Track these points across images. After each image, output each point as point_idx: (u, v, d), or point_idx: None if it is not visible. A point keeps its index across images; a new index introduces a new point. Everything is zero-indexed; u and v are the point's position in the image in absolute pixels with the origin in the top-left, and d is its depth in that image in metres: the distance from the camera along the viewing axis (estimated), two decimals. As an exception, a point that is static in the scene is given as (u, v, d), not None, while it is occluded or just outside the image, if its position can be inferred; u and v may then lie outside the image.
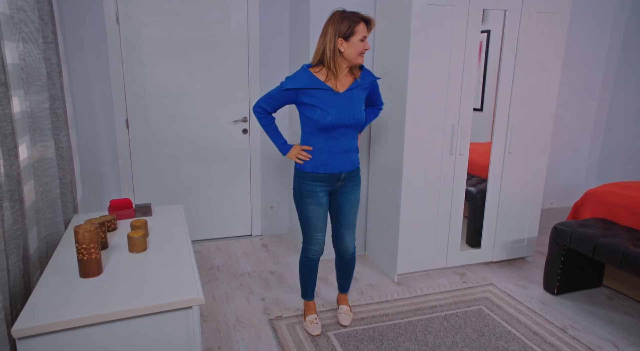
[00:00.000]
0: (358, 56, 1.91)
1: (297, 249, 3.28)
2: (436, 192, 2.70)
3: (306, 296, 2.29)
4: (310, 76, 1.93)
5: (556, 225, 2.58)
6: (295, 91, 1.92)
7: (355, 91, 1.98)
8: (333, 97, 1.93)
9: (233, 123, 3.30)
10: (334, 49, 1.87)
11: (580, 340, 2.17)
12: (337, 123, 1.93)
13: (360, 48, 1.89)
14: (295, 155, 2.02)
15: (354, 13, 1.88)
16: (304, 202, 2.05)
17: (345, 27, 1.85)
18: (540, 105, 2.80)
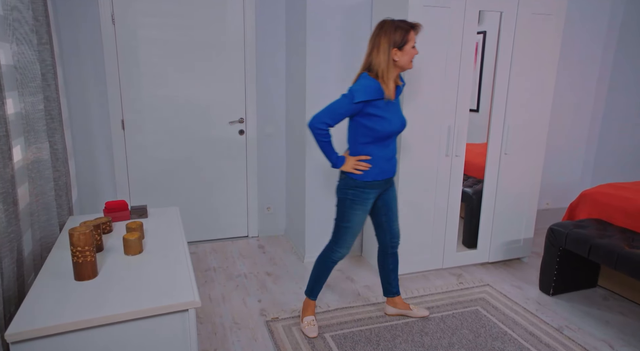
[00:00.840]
0: (409, 63, 1.94)
1: (293, 250, 3.28)
2: (433, 193, 2.70)
3: (312, 295, 2.27)
4: (378, 86, 1.91)
5: (552, 226, 2.59)
6: (364, 103, 1.91)
7: (398, 97, 2.06)
8: (391, 106, 1.96)
9: (229, 125, 3.29)
10: (388, 59, 1.89)
11: (575, 341, 2.18)
12: (396, 131, 1.98)
13: (412, 54, 1.93)
14: (352, 167, 1.99)
15: (404, 21, 1.91)
16: (354, 210, 2.05)
17: (400, 37, 1.88)
18: (536, 106, 2.81)
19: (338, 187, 2.08)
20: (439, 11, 2.43)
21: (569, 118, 3.69)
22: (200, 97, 3.17)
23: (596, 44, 3.59)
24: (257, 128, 3.33)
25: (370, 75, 1.92)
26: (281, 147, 3.43)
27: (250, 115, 3.30)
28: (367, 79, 1.91)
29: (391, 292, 2.36)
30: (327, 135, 1.94)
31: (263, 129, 3.35)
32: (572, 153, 3.79)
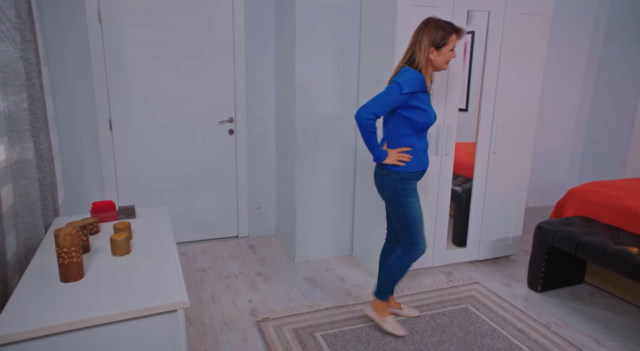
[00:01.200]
0: (445, 64, 2.00)
1: (284, 250, 3.27)
2: (422, 192, 2.71)
3: (384, 297, 2.23)
4: (423, 79, 1.97)
5: (540, 224, 2.62)
6: (409, 95, 1.95)
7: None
8: (427, 99, 2.02)
9: (219, 124, 3.27)
10: (427, 57, 1.95)
11: (563, 336, 2.20)
12: (432, 123, 2.05)
13: (449, 57, 1.99)
14: (395, 159, 2.01)
15: (448, 23, 1.96)
16: (410, 202, 2.06)
17: (440, 37, 1.94)
18: (524, 106, 2.84)
19: (386, 185, 2.06)
20: (428, 11, 2.44)
21: (556, 118, 3.73)
22: (190, 96, 3.14)
23: (582, 45, 3.64)
24: (246, 128, 3.32)
25: (411, 68, 1.97)
26: (271, 147, 3.42)
27: (240, 115, 3.28)
28: (413, 72, 1.95)
29: (381, 293, 2.32)
30: (374, 126, 1.96)
31: (253, 129, 3.34)
32: (559, 152, 3.83)
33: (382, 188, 2.11)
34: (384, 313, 2.24)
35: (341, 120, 2.97)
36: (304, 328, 2.25)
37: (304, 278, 2.84)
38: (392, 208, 2.09)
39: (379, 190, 2.15)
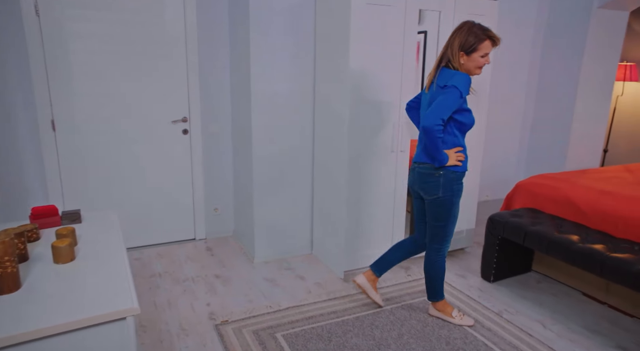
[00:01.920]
0: (477, 69, 2.01)
1: (243, 251, 3.21)
2: (380, 188, 2.75)
3: (440, 296, 2.29)
4: (470, 81, 2.00)
5: (491, 216, 2.72)
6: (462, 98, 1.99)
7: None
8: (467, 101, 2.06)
9: (172, 124, 3.16)
10: (458, 60, 1.99)
11: (514, 323, 2.30)
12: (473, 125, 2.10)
13: (480, 63, 1.99)
14: (455, 159, 2.06)
15: (483, 29, 1.95)
16: (457, 203, 2.12)
17: (470, 43, 1.95)
18: (474, 104, 2.94)
19: (442, 185, 2.07)
20: (381, 9, 2.47)
21: (504, 115, 3.90)
22: (140, 95, 3.02)
23: (525, 44, 3.83)
24: (201, 127, 3.23)
25: (452, 70, 2.00)
26: (227, 146, 3.35)
27: (194, 114, 3.19)
28: (462, 75, 1.97)
29: (377, 268, 2.38)
30: (441, 132, 1.99)
31: (208, 128, 3.26)
32: (508, 147, 4.01)
33: (434, 189, 2.09)
34: (448, 309, 2.29)
35: (298, 120, 2.95)
36: (264, 329, 2.21)
37: (264, 278, 2.80)
38: (440, 208, 2.10)
39: (429, 192, 2.11)
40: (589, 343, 2.16)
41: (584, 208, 2.57)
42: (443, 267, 2.23)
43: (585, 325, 2.31)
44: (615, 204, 2.45)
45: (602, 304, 2.52)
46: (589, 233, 2.42)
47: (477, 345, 2.09)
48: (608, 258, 2.12)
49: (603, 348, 2.13)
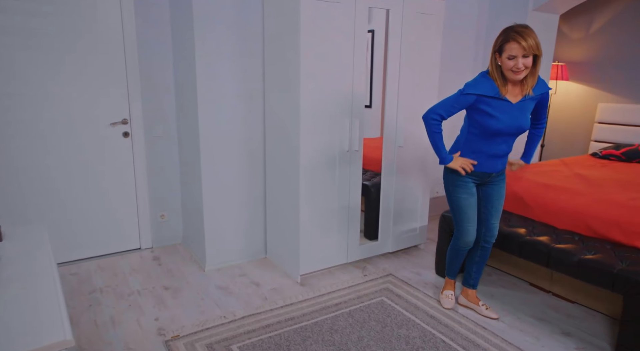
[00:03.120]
0: (509, 72, 1.96)
1: (193, 259, 3.05)
2: (334, 188, 2.71)
3: (449, 275, 2.48)
4: (492, 84, 2.02)
5: (443, 213, 2.77)
6: (476, 97, 2.03)
7: (526, 102, 2.06)
8: (506, 107, 2.03)
9: (111, 126, 2.93)
10: (492, 61, 2.00)
11: (468, 317, 2.35)
12: (505, 132, 2.06)
13: (508, 65, 1.94)
14: (460, 165, 2.12)
15: (510, 30, 1.92)
16: (458, 194, 2.21)
17: (498, 43, 1.96)
18: (423, 101, 2.98)
19: (445, 180, 2.27)
20: (331, 6, 2.42)
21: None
22: (72, 95, 2.77)
23: (470, 44, 3.95)
24: (144, 130, 3.03)
25: (489, 73, 2.03)
26: (173, 149, 3.16)
27: (136, 115, 2.98)
28: (481, 75, 2.05)
29: (468, 283, 2.44)
30: (439, 127, 2.09)
31: (151, 130, 3.06)
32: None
33: (444, 182, 2.29)
34: (446, 287, 2.50)
35: (247, 119, 2.84)
36: (218, 341, 2.10)
37: (217, 287, 2.67)
38: (449, 200, 2.28)
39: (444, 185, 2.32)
40: (537, 331, 2.24)
41: (528, 201, 2.68)
42: (456, 255, 2.38)
43: (533, 314, 2.41)
44: (555, 197, 2.57)
45: (547, 292, 2.64)
46: (535, 226, 2.52)
47: (436, 343, 2.11)
48: (553, 250, 2.21)
49: (550, 335, 2.22)
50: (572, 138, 4.67)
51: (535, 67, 1.98)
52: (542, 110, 2.20)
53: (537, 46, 1.91)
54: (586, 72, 4.48)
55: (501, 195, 2.29)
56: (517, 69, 1.93)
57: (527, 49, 1.88)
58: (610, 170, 3.32)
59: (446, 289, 2.51)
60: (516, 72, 1.94)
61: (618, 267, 1.98)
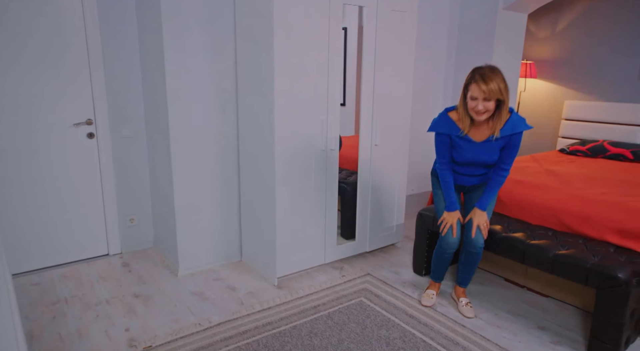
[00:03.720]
0: (472, 111, 2.02)
1: (165, 264, 2.94)
2: (310, 188, 2.66)
3: (433, 278, 2.52)
4: (450, 124, 2.14)
5: (420, 212, 2.77)
6: (444, 136, 2.18)
7: (493, 143, 2.11)
8: (469, 145, 2.14)
9: (74, 127, 2.78)
10: (463, 98, 2.06)
11: (447, 315, 2.35)
12: (468, 163, 2.21)
13: (470, 106, 2.02)
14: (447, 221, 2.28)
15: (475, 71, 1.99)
16: (439, 195, 2.37)
17: (466, 81, 2.03)
18: (399, 99, 2.97)
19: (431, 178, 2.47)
20: (306, 3, 2.37)
21: (425, 110, 4.02)
22: (31, 94, 2.60)
23: (443, 42, 3.98)
24: (110, 130, 2.88)
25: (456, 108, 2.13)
26: (142, 150, 3.03)
27: (101, 115, 2.83)
28: (440, 115, 2.19)
29: (457, 279, 2.48)
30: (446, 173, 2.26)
31: (118, 131, 2.92)
32: (430, 143, 4.15)
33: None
34: (430, 287, 2.52)
35: (220, 119, 2.75)
36: (194, 350, 2.02)
37: (191, 292, 2.57)
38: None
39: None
40: (514, 327, 2.27)
41: (502, 198, 2.71)
42: (438, 258, 2.42)
43: (509, 309, 2.44)
44: (528, 193, 2.61)
45: (522, 287, 2.69)
46: (510, 222, 2.55)
47: (416, 342, 2.10)
48: (528, 246, 2.24)
49: (526, 329, 2.25)
50: (541, 134, 4.79)
51: (499, 111, 2.02)
52: (509, 152, 2.13)
53: (499, 91, 1.95)
54: (553, 70, 4.61)
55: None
56: (477, 111, 2.00)
57: (486, 92, 1.94)
58: (578, 166, 3.42)
59: (429, 288, 2.52)
60: (477, 113, 2.01)
61: (591, 262, 2.02)
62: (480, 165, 2.21)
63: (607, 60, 4.20)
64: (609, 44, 4.17)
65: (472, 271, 2.37)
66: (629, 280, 1.90)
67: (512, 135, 2.08)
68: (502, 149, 2.14)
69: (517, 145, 2.11)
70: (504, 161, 2.16)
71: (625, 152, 3.69)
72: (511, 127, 2.07)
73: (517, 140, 2.10)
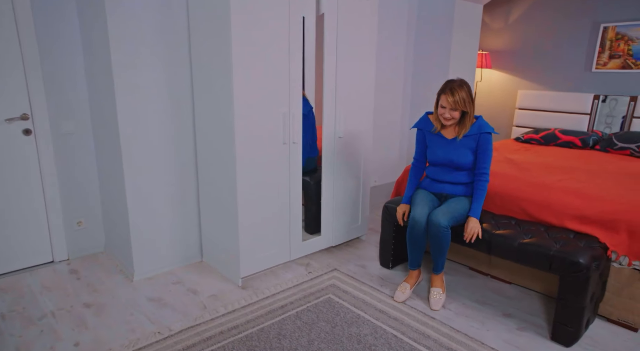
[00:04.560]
0: (441, 117, 2.31)
1: (118, 269, 2.74)
2: (274, 183, 2.55)
3: (409, 265, 2.49)
4: (426, 121, 2.44)
5: (386, 204, 2.73)
6: (422, 131, 2.47)
7: (463, 140, 2.33)
8: (441, 142, 2.39)
9: (7, 123, 2.50)
10: (436, 104, 2.34)
11: (416, 308, 2.34)
12: (441, 163, 2.40)
13: (439, 112, 2.31)
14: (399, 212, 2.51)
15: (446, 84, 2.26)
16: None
17: (439, 91, 2.29)
18: (362, 89, 2.90)
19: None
20: (262, -12, 2.23)
21: (386, 100, 4.00)
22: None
23: (402, 32, 3.95)
24: (50, 125, 2.62)
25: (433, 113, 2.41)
26: (88, 147, 2.79)
27: (38, 109, 2.57)
28: (424, 114, 2.47)
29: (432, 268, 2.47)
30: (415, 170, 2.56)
31: (60, 126, 2.66)
32: (391, 132, 4.14)
33: None
34: (406, 279, 2.49)
35: (175, 111, 2.57)
36: (153, 363, 1.87)
37: (148, 299, 2.40)
38: None
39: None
40: (481, 315, 2.29)
41: (466, 188, 2.73)
42: (407, 235, 2.40)
43: (476, 298, 2.46)
44: (491, 182, 2.63)
45: (486, 275, 2.73)
46: (474, 212, 2.56)
47: (387, 338, 2.06)
48: (493, 236, 2.26)
49: (493, 317, 2.28)
50: (497, 123, 4.92)
51: (463, 119, 2.30)
52: (482, 155, 2.31)
53: (463, 103, 2.23)
54: (507, 61, 4.73)
55: (453, 203, 2.34)
56: (445, 118, 2.29)
57: (452, 104, 2.23)
58: (534, 154, 3.52)
59: (405, 281, 2.47)
60: (445, 119, 2.30)
61: (554, 249, 2.06)
62: (453, 167, 2.39)
63: (555, 51, 4.35)
64: (557, 35, 4.32)
65: (441, 254, 2.32)
66: (589, 265, 1.95)
67: (480, 134, 2.30)
68: (475, 152, 2.33)
69: (488, 147, 2.31)
70: (480, 166, 2.33)
71: (575, 140, 3.84)
72: (478, 127, 2.32)
73: (487, 142, 2.30)
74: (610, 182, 2.62)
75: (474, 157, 2.34)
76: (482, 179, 2.33)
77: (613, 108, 3.97)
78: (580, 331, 2.03)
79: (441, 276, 2.43)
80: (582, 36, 4.16)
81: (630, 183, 2.60)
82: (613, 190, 2.41)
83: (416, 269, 2.47)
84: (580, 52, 4.19)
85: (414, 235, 2.33)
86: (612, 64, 4.00)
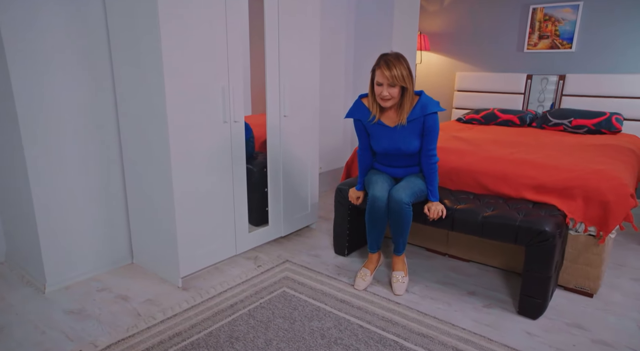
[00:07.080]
0: (378, 98, 2.03)
1: (25, 280, 2.27)
2: (214, 169, 2.24)
3: (368, 248, 2.30)
4: (360, 108, 2.17)
5: (339, 186, 2.53)
6: (359, 122, 2.20)
7: (408, 126, 2.09)
8: (383, 131, 2.14)
9: None
10: (369, 86, 2.07)
11: (379, 294, 2.17)
12: (388, 153, 2.19)
13: (377, 91, 2.03)
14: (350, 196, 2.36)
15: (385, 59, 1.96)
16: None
17: (373, 67, 2.02)
18: (306, 69, 2.67)
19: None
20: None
21: (326, 86, 3.81)
22: None
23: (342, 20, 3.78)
24: None
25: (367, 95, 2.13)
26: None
27: None
28: (355, 102, 2.19)
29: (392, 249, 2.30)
30: (362, 157, 2.31)
31: None
32: (334, 119, 3.96)
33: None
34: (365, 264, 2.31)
35: (93, 107, 2.16)
36: (74, 389, 1.50)
37: (65, 311, 1.99)
38: None
39: None
40: (446, 296, 2.17)
41: (420, 166, 2.61)
42: (366, 215, 2.20)
43: (438, 279, 2.35)
44: (445, 158, 2.54)
45: (444, 255, 2.64)
46: (431, 189, 2.44)
47: (353, 329, 1.86)
48: (456, 212, 2.15)
49: (458, 297, 2.17)
50: (436, 107, 4.94)
51: (403, 98, 2.04)
52: (429, 136, 2.10)
53: (402, 78, 1.96)
54: (444, 43, 4.75)
55: (411, 179, 2.19)
56: (382, 97, 2.01)
57: (390, 78, 1.95)
58: (478, 132, 3.52)
59: (364, 267, 2.29)
60: (383, 99, 2.02)
61: (518, 219, 1.98)
62: (400, 155, 2.19)
63: (490, 32, 4.43)
64: (491, 17, 4.40)
65: (402, 233, 2.15)
66: (555, 233, 1.89)
67: (425, 117, 2.06)
68: (422, 135, 2.12)
69: (435, 128, 2.09)
70: (427, 147, 2.14)
71: (513, 118, 3.93)
72: (421, 108, 2.06)
73: (433, 123, 2.07)
74: (558, 152, 2.64)
75: (422, 139, 2.15)
76: (431, 161, 2.14)
77: (544, 87, 4.11)
78: (546, 303, 1.98)
79: (402, 258, 2.27)
80: (513, 17, 4.26)
81: (578, 153, 2.64)
82: (564, 160, 2.41)
83: (376, 252, 2.30)
84: (513, 33, 4.29)
85: (374, 214, 2.14)
86: (542, 44, 4.14)
